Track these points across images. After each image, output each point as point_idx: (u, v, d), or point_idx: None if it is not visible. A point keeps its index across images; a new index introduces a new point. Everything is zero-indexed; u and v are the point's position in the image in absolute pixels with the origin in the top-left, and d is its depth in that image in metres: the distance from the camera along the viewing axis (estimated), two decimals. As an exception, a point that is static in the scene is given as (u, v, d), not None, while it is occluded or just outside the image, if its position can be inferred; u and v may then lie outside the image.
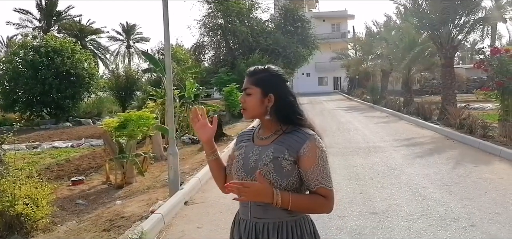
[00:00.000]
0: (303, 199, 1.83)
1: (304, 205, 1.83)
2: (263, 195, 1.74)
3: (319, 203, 1.82)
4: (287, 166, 1.79)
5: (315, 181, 1.79)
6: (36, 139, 15.86)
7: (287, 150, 1.81)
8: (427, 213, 5.25)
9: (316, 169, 1.79)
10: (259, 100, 1.87)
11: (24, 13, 42.32)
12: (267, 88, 1.88)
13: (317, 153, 1.80)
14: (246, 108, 1.91)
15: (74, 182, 8.49)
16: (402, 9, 17.96)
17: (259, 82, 1.89)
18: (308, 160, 1.79)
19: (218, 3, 31.77)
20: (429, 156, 9.02)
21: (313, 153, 1.80)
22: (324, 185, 1.80)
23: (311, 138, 1.82)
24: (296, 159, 1.80)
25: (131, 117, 8.48)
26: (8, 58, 24.96)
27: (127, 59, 58.87)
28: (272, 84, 1.89)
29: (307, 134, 1.83)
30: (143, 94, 24.94)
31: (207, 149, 2.06)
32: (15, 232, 5.24)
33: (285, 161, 1.79)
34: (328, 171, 1.82)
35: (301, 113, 1.91)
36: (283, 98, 1.88)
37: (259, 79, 1.90)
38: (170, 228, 5.23)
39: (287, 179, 1.80)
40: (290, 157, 1.80)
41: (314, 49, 36.36)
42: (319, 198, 1.81)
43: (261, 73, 1.92)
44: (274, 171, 1.79)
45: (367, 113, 20.93)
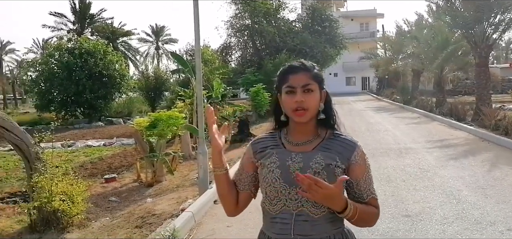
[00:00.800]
0: (365, 210, 1.62)
1: (365, 216, 1.63)
2: (337, 202, 1.53)
3: (374, 214, 1.67)
4: (339, 174, 1.60)
5: (367, 191, 1.65)
6: (70, 138, 16.32)
7: (339, 157, 1.63)
8: (462, 216, 5.12)
9: (368, 178, 1.66)
10: (319, 98, 1.66)
11: (59, 17, 43.60)
12: (322, 83, 1.68)
13: (367, 161, 1.68)
14: (307, 108, 1.62)
15: (107, 180, 8.69)
16: (434, 7, 17.51)
17: (317, 77, 1.66)
18: (360, 168, 1.65)
19: (246, 3, 31.83)
20: (464, 158, 8.78)
21: (363, 161, 1.66)
22: (374, 195, 1.67)
23: (359, 145, 1.68)
24: (346, 167, 1.63)
25: (161, 117, 8.60)
26: (44, 60, 25.80)
27: (156, 60, 59.91)
28: (323, 80, 1.70)
29: (354, 141, 1.68)
30: (172, 94, 25.32)
31: (218, 160, 1.73)
32: (52, 228, 5.41)
33: (338, 169, 1.61)
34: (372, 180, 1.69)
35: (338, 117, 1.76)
36: (329, 97, 1.72)
37: (316, 73, 1.67)
38: (201, 226, 5.29)
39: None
40: (341, 165, 1.62)
41: (342, 49, 35.93)
42: (373, 209, 1.67)
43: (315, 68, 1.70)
44: (327, 180, 1.53)
45: (398, 114, 20.56)
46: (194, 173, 8.31)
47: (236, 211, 1.82)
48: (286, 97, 1.65)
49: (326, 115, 1.68)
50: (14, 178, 9.28)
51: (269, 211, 1.67)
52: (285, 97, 1.65)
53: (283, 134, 1.74)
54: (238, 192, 1.79)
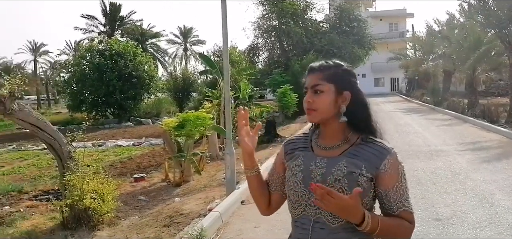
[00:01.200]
0: (391, 224, 1.51)
1: (392, 231, 1.51)
2: (352, 214, 1.44)
3: (405, 229, 1.53)
4: (364, 183, 1.51)
5: (398, 204, 1.52)
6: (101, 137, 16.72)
7: (365, 164, 1.52)
8: (495, 221, 4.96)
9: (400, 189, 1.53)
10: (334, 99, 1.57)
11: (90, 19, 44.69)
12: (343, 84, 1.59)
13: (400, 171, 1.54)
14: (316, 109, 1.57)
15: (136, 179, 8.85)
16: (466, 6, 17.09)
17: (332, 78, 1.59)
18: (390, 178, 1.52)
19: (273, 4, 31.83)
20: (497, 161, 8.51)
21: (395, 170, 1.53)
22: (408, 208, 1.54)
23: (392, 153, 1.55)
24: (374, 176, 1.53)
25: (189, 118, 8.70)
26: (76, 61, 26.54)
27: (184, 61, 60.57)
28: (347, 80, 1.61)
29: (386, 148, 1.56)
30: (199, 95, 25.56)
31: (249, 162, 1.71)
32: (83, 225, 5.55)
33: (362, 177, 1.51)
34: (408, 191, 1.56)
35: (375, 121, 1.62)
36: (358, 99, 1.60)
37: (333, 74, 1.59)
38: (228, 226, 5.32)
39: (363, 199, 1.50)
40: (367, 173, 1.51)
41: (371, 50, 35.46)
42: (405, 223, 1.53)
43: (334, 69, 1.61)
44: (348, 189, 1.49)
45: (428, 115, 20.11)
46: (221, 173, 8.37)
47: (268, 211, 1.80)
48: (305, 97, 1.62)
49: (354, 118, 1.58)
50: (47, 176, 9.57)
51: (291, 214, 1.64)
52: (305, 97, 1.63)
53: (315, 136, 1.68)
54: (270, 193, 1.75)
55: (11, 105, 5.57)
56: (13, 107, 5.60)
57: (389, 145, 1.58)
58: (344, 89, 1.58)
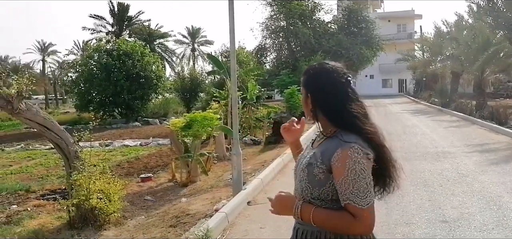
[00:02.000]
0: (327, 215, 1.61)
1: (328, 222, 1.61)
2: (284, 207, 1.71)
3: (346, 222, 1.58)
4: (320, 174, 1.63)
5: (344, 196, 1.57)
6: (108, 137, 16.80)
7: (321, 157, 1.64)
8: (503, 223, 4.92)
9: (344, 183, 1.56)
10: (304, 100, 1.79)
11: (98, 19, 44.95)
12: (308, 87, 1.76)
13: (347, 165, 1.56)
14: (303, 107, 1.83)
15: (143, 179, 8.88)
16: (475, 7, 17.00)
17: (304, 82, 1.79)
18: (337, 171, 1.58)
19: (281, 5, 31.84)
20: (505, 164, 8.43)
21: (342, 163, 1.57)
22: (353, 201, 1.56)
23: (344, 146, 1.59)
24: (328, 168, 1.62)
25: (196, 118, 8.71)
26: (84, 61, 26.69)
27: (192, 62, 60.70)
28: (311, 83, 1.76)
29: (343, 141, 1.61)
30: (207, 95, 25.62)
31: (293, 149, 2.03)
32: (90, 225, 5.58)
33: (318, 168, 1.64)
34: (360, 187, 1.56)
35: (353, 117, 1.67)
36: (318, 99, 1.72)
37: (304, 78, 1.80)
38: (234, 227, 5.32)
39: (320, 189, 1.63)
40: (322, 165, 1.63)
41: (378, 50, 35.37)
42: (347, 217, 1.57)
43: (307, 72, 1.80)
44: (307, 178, 1.66)
45: (435, 117, 19.98)
46: (228, 174, 8.38)
47: None
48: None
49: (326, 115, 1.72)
50: (54, 176, 9.64)
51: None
52: None
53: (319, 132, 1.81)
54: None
55: (18, 105, 5.62)
56: (20, 106, 5.65)
57: (350, 140, 1.61)
58: (308, 91, 1.76)
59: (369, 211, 1.58)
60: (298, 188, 1.73)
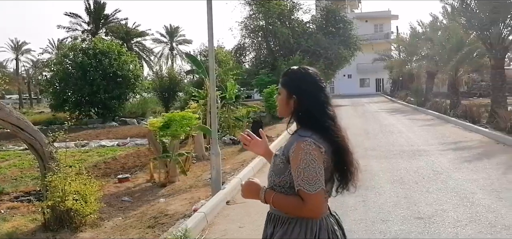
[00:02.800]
0: (283, 199, 1.89)
1: (283, 204, 1.90)
2: (251, 193, 1.99)
3: (296, 205, 1.83)
4: (280, 164, 1.91)
5: (296, 182, 1.82)
6: (84, 137, 16.51)
7: (283, 150, 1.93)
8: (476, 219, 5.05)
9: (297, 171, 1.81)
10: (285, 101, 1.98)
11: (74, 17, 44.09)
12: (292, 89, 1.95)
13: (300, 155, 1.80)
14: (277, 106, 2.06)
15: (120, 180, 8.76)
16: (449, 8, 17.30)
17: (286, 83, 1.99)
18: (293, 161, 1.83)
19: (260, 5, 31.87)
20: (478, 161, 8.66)
21: (296, 154, 1.82)
22: (303, 187, 1.79)
23: (299, 140, 1.84)
24: (287, 159, 1.88)
25: (175, 117, 8.64)
26: (59, 60, 26.12)
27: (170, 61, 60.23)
28: (298, 86, 1.94)
29: (299, 136, 1.86)
30: (185, 95, 25.42)
31: (268, 159, 2.22)
32: (65, 227, 5.48)
33: (279, 158, 1.93)
34: (310, 175, 1.78)
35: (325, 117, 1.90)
36: (306, 102, 1.91)
37: (287, 80, 2.00)
38: (213, 227, 5.31)
39: (280, 177, 1.91)
40: (282, 156, 1.91)
41: (356, 50, 35.76)
42: (298, 201, 1.82)
43: (291, 75, 2.00)
44: (272, 167, 1.98)
45: (411, 116, 20.36)
46: (207, 173, 8.34)
47: None
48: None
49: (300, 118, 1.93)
50: (29, 177, 9.42)
51: None
52: None
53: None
54: None
55: (-9, 105, 5.47)
56: (-7, 106, 5.50)
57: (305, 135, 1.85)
58: (293, 93, 1.94)
59: (316, 197, 1.80)
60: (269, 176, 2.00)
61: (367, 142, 11.86)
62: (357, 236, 4.69)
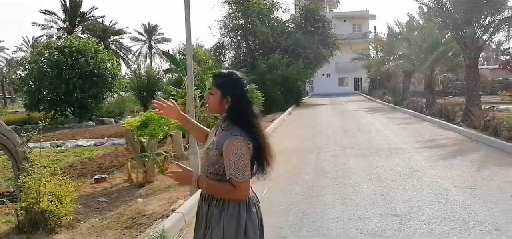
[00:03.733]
0: (216, 185, 2.24)
1: (216, 190, 2.25)
2: (186, 180, 2.29)
3: (228, 190, 2.20)
4: (213, 156, 2.23)
5: (229, 172, 2.17)
6: (60, 137, 16.18)
7: (216, 144, 2.23)
8: (450, 216, 5.16)
9: (229, 163, 2.16)
10: (219, 101, 2.28)
11: (49, 14, 43.21)
12: (227, 91, 2.26)
13: (232, 150, 2.15)
14: (208, 105, 2.35)
15: (97, 180, 8.62)
16: (425, 9, 17.62)
17: (220, 85, 2.28)
18: (226, 154, 2.17)
19: (239, 3, 31.80)
20: (453, 158, 8.85)
21: (229, 149, 2.16)
22: (234, 176, 2.15)
23: (232, 138, 2.17)
24: (220, 153, 2.20)
25: (153, 117, 8.55)
26: (34, 58, 25.53)
27: (149, 59, 59.66)
28: (231, 88, 2.26)
29: (232, 134, 2.18)
30: (164, 94, 25.18)
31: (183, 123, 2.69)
32: (40, 229, 5.36)
33: (212, 151, 2.24)
34: (240, 166, 2.14)
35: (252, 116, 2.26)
36: (238, 103, 2.25)
37: (221, 83, 2.28)
38: (191, 227, 5.26)
39: (213, 166, 2.25)
40: (216, 150, 2.22)
41: (335, 50, 36.06)
42: (229, 187, 2.18)
43: (224, 78, 2.29)
44: (205, 158, 2.29)
45: (389, 114, 20.67)
46: (185, 173, 8.28)
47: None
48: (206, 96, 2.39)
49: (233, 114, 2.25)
50: (2, 178, 9.18)
51: None
52: None
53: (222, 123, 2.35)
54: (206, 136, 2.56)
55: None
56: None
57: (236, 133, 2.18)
58: (228, 94, 2.25)
59: (245, 183, 2.18)
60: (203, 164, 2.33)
61: (346, 141, 11.98)
62: (334, 234, 4.73)
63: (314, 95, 49.08)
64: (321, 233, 4.77)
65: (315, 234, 4.77)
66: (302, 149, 10.79)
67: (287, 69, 27.81)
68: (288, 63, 28.83)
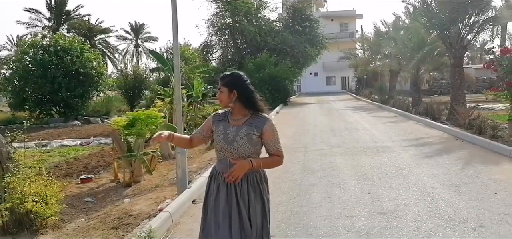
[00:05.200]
0: (267, 160, 2.90)
1: (270, 164, 2.90)
2: (244, 168, 2.77)
3: (277, 160, 2.91)
4: (255, 138, 2.83)
5: (273, 147, 2.88)
6: (45, 137, 15.97)
7: (255, 128, 2.83)
8: (435, 213, 5.22)
9: (273, 140, 2.88)
10: (227, 95, 2.86)
11: (34, 13, 42.71)
12: (232, 86, 2.85)
13: (274, 130, 2.88)
14: (220, 100, 2.91)
15: (83, 180, 8.54)
16: (411, 8, 17.83)
17: (226, 84, 2.87)
18: (268, 134, 2.85)
19: (226, 2, 31.75)
20: (438, 157, 8.96)
21: (271, 130, 2.86)
22: (278, 149, 2.89)
23: (269, 120, 2.88)
24: (260, 134, 2.84)
25: (139, 116, 8.50)
26: (18, 57, 25.17)
27: (136, 58, 59.24)
28: (235, 84, 2.86)
29: (267, 118, 2.89)
30: (151, 93, 25.01)
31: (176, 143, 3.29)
32: (25, 229, 5.30)
33: (254, 135, 2.83)
34: (279, 140, 2.92)
35: (259, 101, 2.89)
36: (243, 92, 2.85)
37: (226, 82, 2.88)
38: (178, 226, 5.25)
39: (255, 147, 2.84)
40: (257, 133, 2.83)
41: (322, 49, 36.23)
42: (276, 158, 2.90)
43: (228, 77, 2.90)
44: (247, 142, 2.81)
45: (375, 113, 20.83)
46: (173, 172, 8.25)
47: (191, 146, 3.21)
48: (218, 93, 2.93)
49: (245, 103, 2.85)
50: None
51: (217, 156, 2.96)
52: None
53: (229, 114, 2.95)
54: (191, 140, 3.11)
55: None
56: None
57: (268, 116, 2.90)
58: (233, 89, 2.85)
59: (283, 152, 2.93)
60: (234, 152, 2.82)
61: (333, 139, 12.04)
62: (322, 232, 4.75)
63: (301, 94, 49.25)
64: (309, 232, 4.79)
65: (303, 232, 4.79)
66: (289, 147, 10.82)
67: (274, 68, 27.85)
68: (275, 62, 28.88)
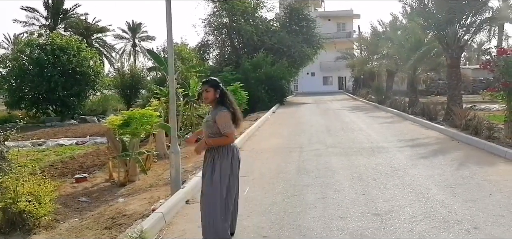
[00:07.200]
0: (217, 139, 4.15)
1: (218, 141, 4.16)
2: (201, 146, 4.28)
3: (224, 139, 4.15)
4: (211, 123, 4.17)
5: (223, 130, 4.12)
6: (41, 136, 15.93)
7: (212, 117, 4.20)
8: (430, 214, 5.21)
9: (222, 124, 4.12)
10: (213, 94, 4.22)
11: (30, 11, 42.54)
12: (217, 88, 4.23)
13: (223, 117, 4.13)
14: (206, 98, 4.26)
15: (78, 180, 8.51)
16: (408, 9, 17.82)
17: (212, 85, 4.24)
18: (219, 120, 4.13)
19: (223, 2, 31.68)
20: (434, 157, 8.95)
21: (221, 117, 4.13)
22: (226, 131, 4.11)
23: (222, 110, 4.16)
24: (214, 120, 4.14)
25: (134, 115, 8.47)
26: (15, 56, 25.14)
27: (133, 58, 59.09)
28: (217, 86, 4.24)
29: (221, 109, 4.18)
30: (148, 92, 25.01)
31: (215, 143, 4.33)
32: (18, 229, 5.27)
33: (211, 121, 4.19)
34: (227, 124, 4.14)
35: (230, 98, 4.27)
36: (221, 91, 4.24)
37: (212, 84, 4.25)
38: (171, 227, 5.22)
39: (212, 129, 4.17)
40: (212, 120, 4.18)
41: (319, 49, 36.19)
42: (224, 137, 4.14)
43: (213, 81, 4.29)
44: (206, 127, 4.23)
45: (372, 113, 20.83)
46: (168, 172, 8.20)
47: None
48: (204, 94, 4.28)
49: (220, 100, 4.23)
50: (-20, 178, 8.98)
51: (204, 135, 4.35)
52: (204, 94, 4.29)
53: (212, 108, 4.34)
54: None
55: None
56: None
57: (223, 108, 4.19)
58: (216, 89, 4.23)
59: (231, 133, 4.15)
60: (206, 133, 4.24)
61: (329, 140, 12.03)
62: (315, 233, 4.73)
63: (298, 94, 49.24)
64: (302, 233, 4.77)
65: (296, 233, 4.77)
66: (285, 147, 10.80)
67: (271, 68, 27.83)
68: (272, 62, 28.85)
